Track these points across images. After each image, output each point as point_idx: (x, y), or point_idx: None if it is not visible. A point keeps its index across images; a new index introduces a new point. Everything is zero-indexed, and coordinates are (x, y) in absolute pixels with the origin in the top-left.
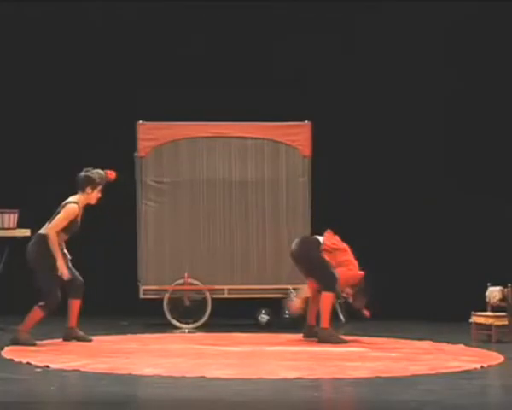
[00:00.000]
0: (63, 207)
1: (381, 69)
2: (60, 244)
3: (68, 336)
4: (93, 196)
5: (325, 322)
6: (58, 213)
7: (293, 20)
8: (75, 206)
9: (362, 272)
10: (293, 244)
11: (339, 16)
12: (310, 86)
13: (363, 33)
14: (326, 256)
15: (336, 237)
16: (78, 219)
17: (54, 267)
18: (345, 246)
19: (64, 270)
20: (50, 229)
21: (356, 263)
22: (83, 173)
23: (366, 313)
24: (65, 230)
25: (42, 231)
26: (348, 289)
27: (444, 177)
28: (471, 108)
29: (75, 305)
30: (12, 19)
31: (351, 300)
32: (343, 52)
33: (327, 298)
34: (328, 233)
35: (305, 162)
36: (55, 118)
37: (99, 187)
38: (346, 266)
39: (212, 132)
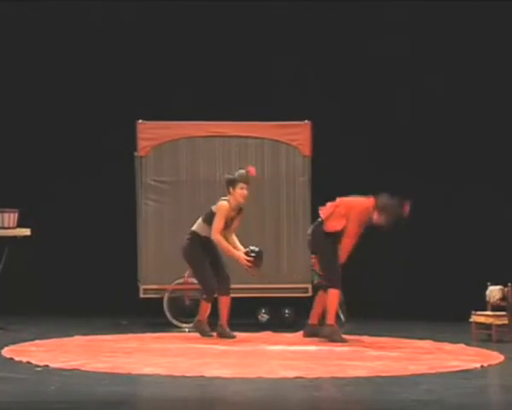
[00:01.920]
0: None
1: (381, 69)
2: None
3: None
4: (238, 193)
5: (331, 318)
6: (213, 213)
7: (294, 20)
8: (226, 203)
9: (371, 202)
10: (308, 231)
11: (339, 16)
12: (310, 86)
13: (363, 33)
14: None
15: (328, 204)
16: (227, 218)
17: (200, 261)
18: (337, 203)
19: (242, 260)
20: (213, 233)
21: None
22: (226, 176)
23: (406, 209)
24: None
25: (194, 227)
26: (376, 216)
27: (444, 176)
28: (471, 108)
29: (224, 301)
30: (12, 19)
31: (382, 221)
32: (343, 52)
33: (333, 295)
34: (321, 211)
35: (305, 162)
36: (56, 118)
37: (240, 184)
38: (347, 235)
39: (211, 132)
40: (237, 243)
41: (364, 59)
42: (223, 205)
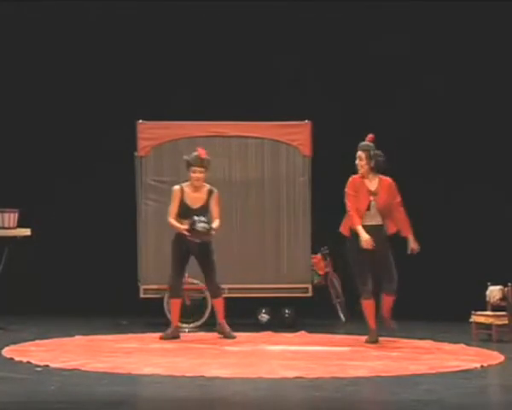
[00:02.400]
0: None
1: (381, 69)
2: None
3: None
4: (191, 177)
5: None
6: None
7: (294, 20)
8: (176, 186)
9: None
10: None
11: (339, 16)
12: (310, 86)
13: (363, 33)
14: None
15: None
16: (187, 201)
17: (173, 254)
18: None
19: (182, 230)
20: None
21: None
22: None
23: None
24: (178, 214)
25: None
26: (361, 165)
27: (443, 176)
28: (471, 108)
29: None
30: (12, 19)
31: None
32: (343, 52)
33: (364, 305)
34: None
35: (305, 162)
36: (56, 118)
37: (192, 168)
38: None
39: (212, 132)
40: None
41: (364, 59)
42: (172, 189)
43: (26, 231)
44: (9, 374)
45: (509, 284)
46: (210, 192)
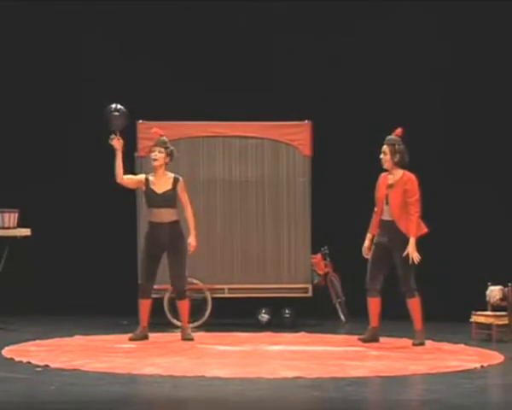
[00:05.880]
0: None
1: (381, 69)
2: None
3: None
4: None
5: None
6: None
7: (294, 20)
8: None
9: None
10: None
11: (339, 16)
12: (310, 86)
13: (363, 33)
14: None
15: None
16: (148, 189)
17: (142, 251)
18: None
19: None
20: None
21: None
22: None
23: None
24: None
25: None
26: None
27: (444, 176)
28: (471, 107)
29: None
30: (11, 18)
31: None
32: (343, 52)
33: (368, 303)
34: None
35: (305, 162)
36: (56, 118)
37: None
38: None
39: (212, 132)
40: (191, 225)
41: (365, 59)
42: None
43: (26, 231)
44: (9, 374)
45: (510, 284)
46: (176, 180)
